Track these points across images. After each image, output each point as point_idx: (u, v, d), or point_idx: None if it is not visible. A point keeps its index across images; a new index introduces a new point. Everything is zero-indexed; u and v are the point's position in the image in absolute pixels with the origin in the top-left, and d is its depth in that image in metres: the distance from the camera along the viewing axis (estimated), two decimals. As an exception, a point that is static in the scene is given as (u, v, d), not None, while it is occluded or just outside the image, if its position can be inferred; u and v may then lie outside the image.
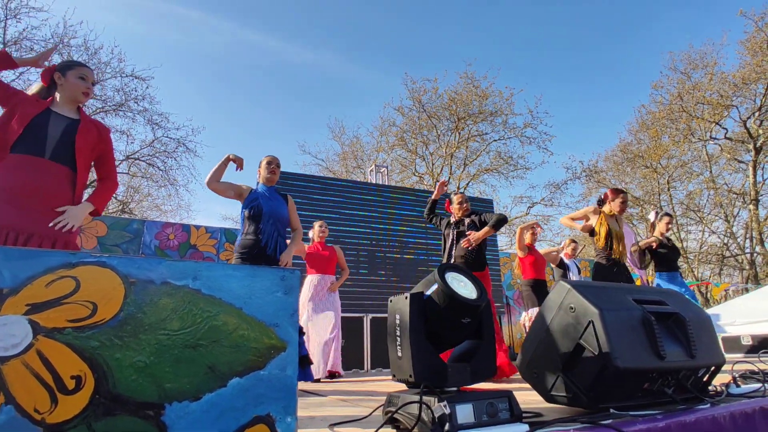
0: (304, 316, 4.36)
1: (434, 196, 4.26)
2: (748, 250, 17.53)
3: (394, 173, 18.72)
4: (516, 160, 18.42)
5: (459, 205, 4.05)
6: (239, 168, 3.05)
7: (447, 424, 1.21)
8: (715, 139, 17.82)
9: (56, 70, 2.18)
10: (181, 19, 27.35)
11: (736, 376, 2.14)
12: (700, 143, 18.04)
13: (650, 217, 5.08)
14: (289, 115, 35.46)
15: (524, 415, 1.40)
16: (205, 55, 32.07)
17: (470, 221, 3.94)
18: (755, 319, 7.01)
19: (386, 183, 7.90)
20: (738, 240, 18.25)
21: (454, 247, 3.96)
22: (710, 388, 1.84)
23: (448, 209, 4.23)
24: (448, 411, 1.22)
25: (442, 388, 1.43)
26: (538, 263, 5.05)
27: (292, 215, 3.25)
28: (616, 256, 3.73)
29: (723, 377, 2.09)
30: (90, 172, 2.27)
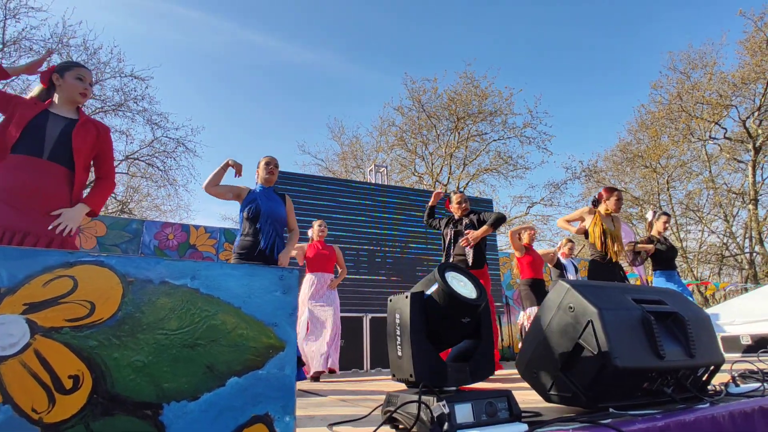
0: (304, 315, 4.37)
1: (431, 203, 4.35)
2: (748, 250, 17.55)
3: (394, 173, 18.72)
4: (515, 160, 18.45)
5: (458, 205, 4.07)
6: (238, 174, 3.07)
7: (446, 424, 1.21)
8: (715, 138, 17.85)
9: (54, 72, 2.19)
10: (181, 19, 27.37)
11: (736, 375, 2.14)
12: (700, 143, 18.05)
13: (648, 216, 5.09)
14: (289, 115, 35.48)
15: (523, 415, 1.40)
16: (205, 55, 32.09)
17: (468, 220, 3.95)
18: (754, 319, 7.01)
19: (386, 183, 7.90)
20: (737, 240, 18.27)
21: (453, 246, 3.98)
22: (709, 387, 1.84)
23: (447, 208, 4.24)
24: (447, 410, 1.22)
25: (441, 388, 1.43)
26: (536, 263, 5.06)
27: (290, 216, 3.26)
28: (611, 256, 3.75)
29: (722, 377, 2.09)
30: (91, 172, 2.28)
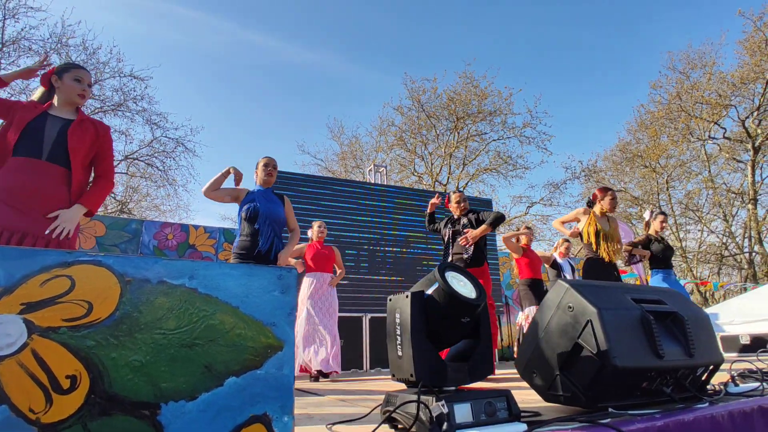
0: (303, 314, 4.38)
1: (429, 211, 4.38)
2: (747, 250, 17.56)
3: (393, 173, 18.71)
4: (515, 160, 18.44)
5: (457, 204, 4.08)
6: (237, 183, 3.10)
7: (445, 424, 1.21)
8: (714, 138, 17.86)
9: (54, 74, 2.20)
10: (181, 19, 27.35)
11: (735, 375, 2.14)
12: (699, 143, 18.06)
13: (645, 215, 5.12)
14: (289, 115, 35.46)
15: (522, 415, 1.40)
16: (205, 54, 32.07)
17: (467, 220, 3.96)
18: (754, 319, 7.02)
19: (385, 183, 7.89)
20: (737, 239, 18.27)
21: (451, 246, 3.98)
22: (709, 387, 1.83)
23: (447, 206, 4.25)
24: (446, 410, 1.22)
25: (440, 388, 1.43)
26: (534, 263, 5.07)
27: (289, 216, 3.27)
28: (604, 256, 3.78)
29: (721, 376, 2.09)
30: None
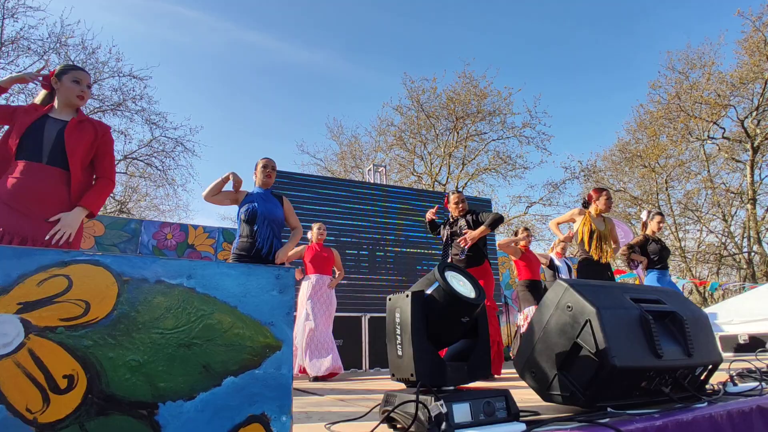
0: (302, 315, 4.39)
1: (427, 220, 4.36)
2: (746, 250, 17.57)
3: (393, 173, 18.71)
4: (514, 160, 18.45)
5: (455, 205, 4.07)
6: (237, 189, 3.14)
7: (444, 423, 1.20)
8: (713, 138, 17.87)
9: (54, 75, 2.21)
10: (181, 18, 27.31)
11: (734, 374, 2.14)
12: (698, 143, 18.07)
13: (642, 216, 5.15)
14: (288, 115, 35.46)
15: (521, 414, 1.40)
16: (204, 54, 32.05)
17: (464, 222, 3.95)
18: (752, 318, 7.03)
19: (384, 182, 7.89)
20: (735, 239, 18.29)
21: (450, 246, 3.98)
22: (707, 386, 1.83)
23: (446, 207, 4.25)
24: (444, 410, 1.21)
25: (439, 387, 1.43)
26: (532, 264, 5.07)
27: (289, 216, 3.30)
28: (594, 256, 3.82)
29: (720, 376, 2.09)
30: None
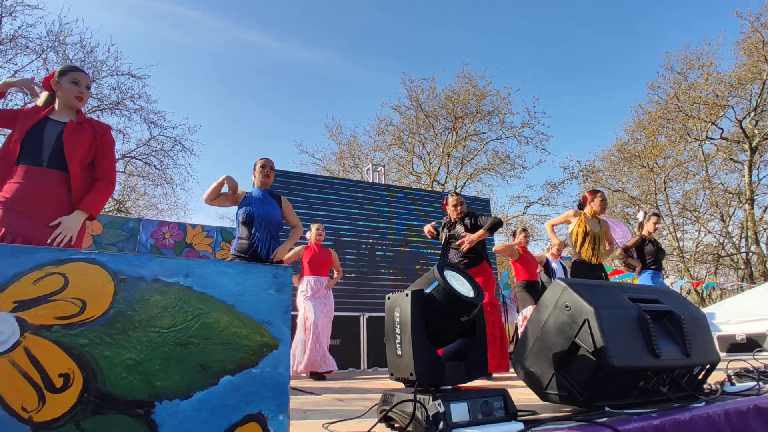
0: (300, 315, 4.40)
1: (429, 235, 4.29)
2: (744, 250, 17.61)
3: (391, 172, 18.71)
4: (513, 160, 18.46)
5: (454, 208, 4.06)
6: (233, 194, 3.16)
7: (441, 423, 1.20)
8: (711, 139, 17.90)
9: (54, 77, 2.21)
10: (181, 18, 27.26)
11: (731, 374, 2.14)
12: (696, 143, 18.10)
13: (639, 216, 5.18)
14: (287, 114, 35.42)
15: (519, 414, 1.39)
16: (204, 54, 32.00)
17: (462, 226, 3.94)
18: (750, 318, 7.04)
19: (383, 182, 7.89)
20: (733, 239, 18.33)
21: (448, 249, 3.98)
22: (705, 386, 1.84)
23: (445, 209, 4.24)
24: (442, 409, 1.21)
25: (437, 387, 1.43)
26: (530, 265, 5.08)
27: (288, 215, 3.31)
28: (584, 257, 3.86)
29: (718, 375, 2.10)
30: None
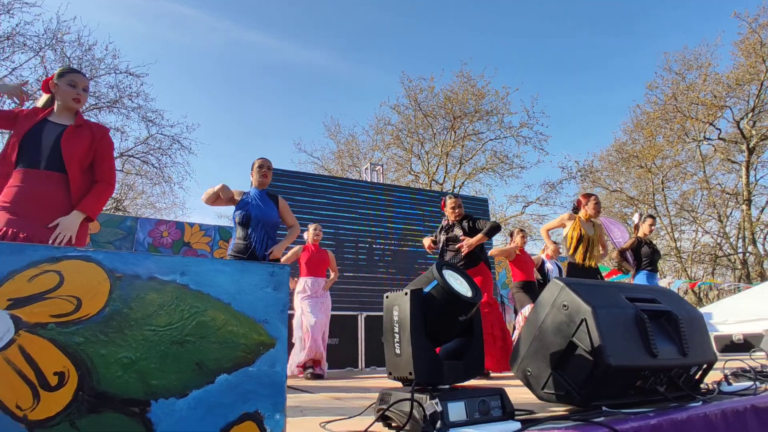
0: (297, 315, 4.40)
1: (429, 249, 4.26)
2: (741, 250, 17.66)
3: (390, 172, 18.71)
4: (511, 160, 18.48)
5: (452, 210, 4.06)
6: (227, 202, 3.16)
7: (439, 422, 1.20)
8: (709, 139, 17.95)
9: (53, 79, 2.22)
10: (181, 17, 27.20)
11: (728, 374, 2.15)
12: (694, 143, 18.14)
13: (634, 218, 5.25)
14: (286, 113, 35.39)
15: (516, 413, 1.39)
16: (203, 53, 31.95)
17: (460, 229, 3.95)
18: (747, 318, 7.06)
19: (381, 181, 7.88)
20: (731, 240, 18.38)
21: (446, 252, 3.99)
22: (702, 386, 1.84)
23: (443, 209, 4.24)
24: (439, 409, 1.21)
25: (435, 386, 1.43)
26: (527, 265, 5.10)
27: (285, 215, 3.32)
28: (578, 260, 3.91)
29: (715, 375, 2.10)
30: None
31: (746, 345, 6.76)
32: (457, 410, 1.26)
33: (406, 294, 1.46)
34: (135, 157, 15.75)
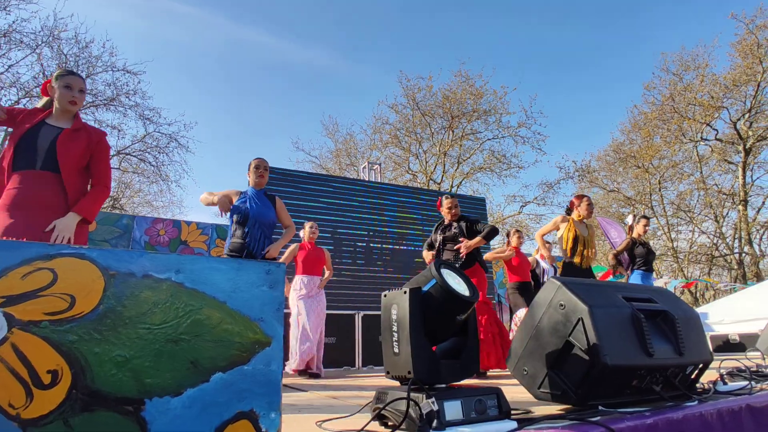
0: (293, 313, 4.39)
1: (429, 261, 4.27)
2: (737, 251, 17.73)
3: (388, 171, 18.70)
4: (509, 159, 18.50)
5: (448, 210, 4.05)
6: (222, 214, 3.14)
7: (435, 421, 1.20)
8: (706, 140, 18.01)
9: (51, 82, 2.23)
10: (179, 15, 27.12)
11: (724, 373, 2.15)
12: (691, 144, 18.20)
13: (628, 220, 5.29)
14: (285, 112, 35.33)
15: (513, 412, 1.39)
16: (202, 51, 31.87)
17: (457, 229, 3.94)
18: (743, 318, 7.09)
19: (379, 180, 7.88)
20: (727, 240, 18.45)
21: (442, 252, 3.98)
22: (698, 385, 1.84)
23: (439, 209, 4.24)
24: (436, 408, 1.21)
25: (431, 385, 1.42)
26: (522, 266, 5.11)
27: (282, 215, 3.35)
28: (577, 261, 3.95)
29: (711, 375, 2.10)
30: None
31: (742, 345, 6.79)
32: (453, 409, 1.26)
33: (405, 293, 1.46)
34: (132, 155, 15.71)
